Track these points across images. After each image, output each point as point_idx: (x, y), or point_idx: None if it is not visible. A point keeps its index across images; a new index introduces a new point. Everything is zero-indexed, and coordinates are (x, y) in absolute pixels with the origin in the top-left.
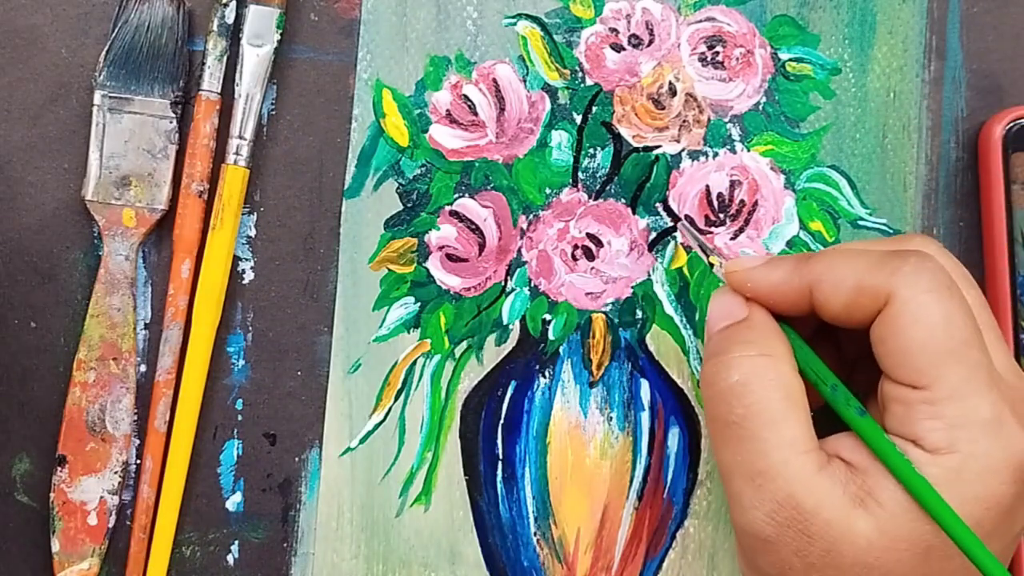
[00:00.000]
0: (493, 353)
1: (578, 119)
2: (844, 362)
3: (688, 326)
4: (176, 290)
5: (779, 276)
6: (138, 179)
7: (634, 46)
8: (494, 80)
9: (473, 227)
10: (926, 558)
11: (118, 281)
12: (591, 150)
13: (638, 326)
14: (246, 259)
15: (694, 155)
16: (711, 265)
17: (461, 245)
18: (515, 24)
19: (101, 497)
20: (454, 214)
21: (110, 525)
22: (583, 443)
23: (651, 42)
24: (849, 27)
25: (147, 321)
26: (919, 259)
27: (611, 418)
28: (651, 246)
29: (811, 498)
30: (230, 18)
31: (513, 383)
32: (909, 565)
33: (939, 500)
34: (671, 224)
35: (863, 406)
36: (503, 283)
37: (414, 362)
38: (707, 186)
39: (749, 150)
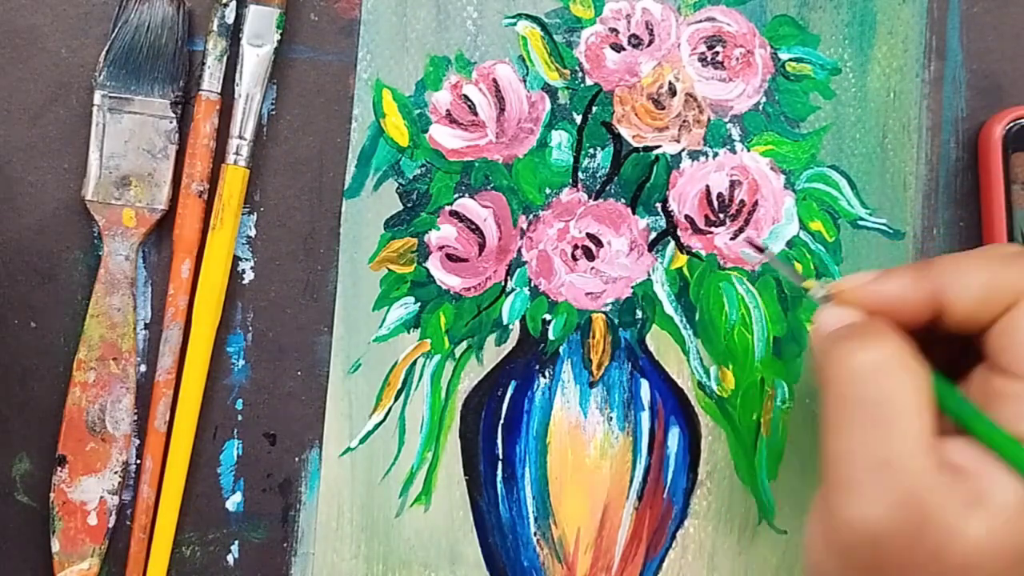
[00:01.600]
0: (493, 353)
1: (578, 119)
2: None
3: (688, 326)
4: (176, 290)
5: (897, 285)
6: (138, 179)
7: (634, 46)
8: (494, 80)
9: (473, 227)
10: None
11: (118, 281)
12: (591, 150)
13: (638, 326)
14: (246, 259)
15: (694, 155)
16: (805, 290)
17: (461, 245)
18: (515, 24)
19: (101, 497)
20: (454, 214)
21: (110, 525)
22: (583, 443)
23: (651, 42)
24: (849, 27)
25: (147, 321)
26: None
27: (611, 418)
28: (651, 246)
29: (930, 495)
30: (230, 18)
31: (513, 383)
32: (1012, 571)
33: None
34: (757, 257)
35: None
36: (503, 283)
37: (414, 362)
38: (707, 186)
39: (749, 150)
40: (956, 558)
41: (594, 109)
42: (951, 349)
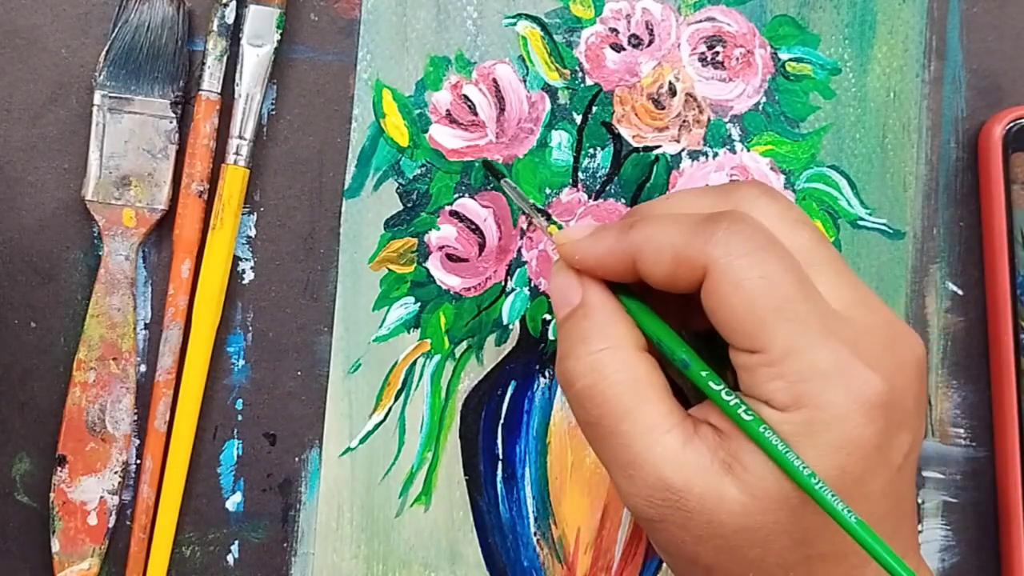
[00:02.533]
0: (493, 353)
1: (578, 119)
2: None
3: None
4: (176, 290)
5: (603, 248)
6: (138, 179)
7: (634, 46)
8: (494, 80)
9: (473, 227)
10: (799, 513)
11: (118, 281)
12: (591, 150)
13: None
14: (246, 259)
15: (694, 155)
16: (549, 235)
17: (461, 245)
18: (515, 24)
19: (101, 497)
20: (454, 214)
21: (110, 525)
22: (583, 443)
23: (651, 42)
24: (849, 27)
25: (147, 321)
26: (730, 223)
27: None
28: None
29: (680, 475)
30: (230, 18)
31: (513, 383)
32: (787, 523)
33: (785, 455)
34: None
35: (710, 370)
36: (503, 283)
37: (414, 362)
38: (707, 186)
39: (749, 150)
40: (728, 525)
41: (594, 109)
42: None
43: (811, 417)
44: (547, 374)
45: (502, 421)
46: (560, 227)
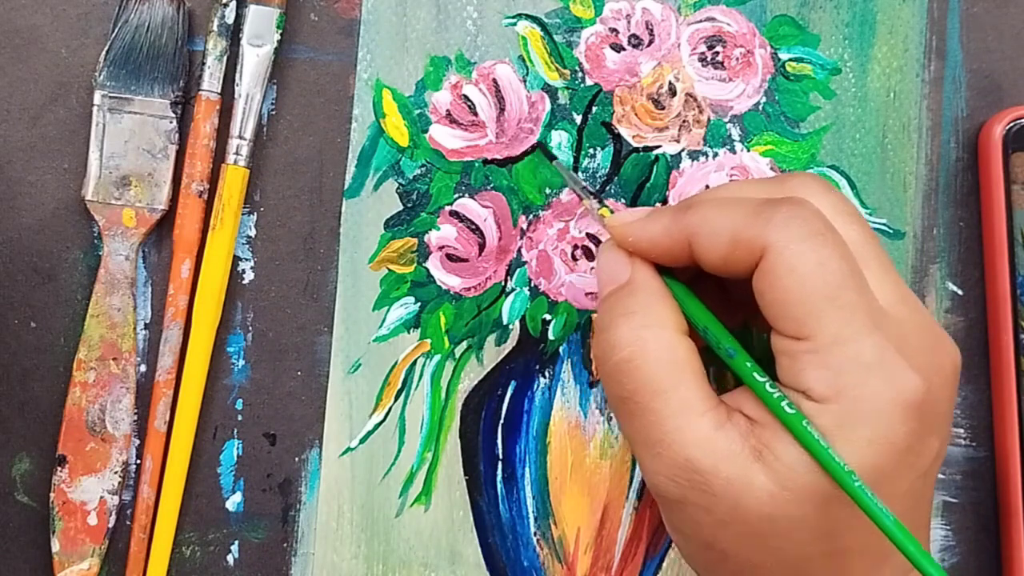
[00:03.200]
0: (493, 353)
1: (578, 119)
2: (747, 309)
3: None
4: (176, 290)
5: (659, 229)
6: (138, 179)
7: (634, 46)
8: (494, 80)
9: (473, 227)
10: (828, 507)
11: (118, 281)
12: (591, 150)
13: None
14: (246, 259)
15: (694, 155)
16: (601, 217)
17: (461, 245)
18: (515, 24)
19: (101, 497)
20: (454, 214)
21: (110, 525)
22: (583, 443)
23: (651, 42)
24: (849, 27)
25: (147, 321)
26: (790, 207)
27: (611, 418)
28: None
29: (709, 458)
30: (230, 18)
31: (513, 383)
32: (813, 516)
33: (826, 451)
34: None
35: (753, 361)
36: (503, 283)
37: (414, 362)
38: (707, 186)
39: (749, 150)
40: (752, 511)
41: (594, 109)
42: None
43: (849, 409)
44: (547, 374)
45: (502, 421)
46: (611, 211)
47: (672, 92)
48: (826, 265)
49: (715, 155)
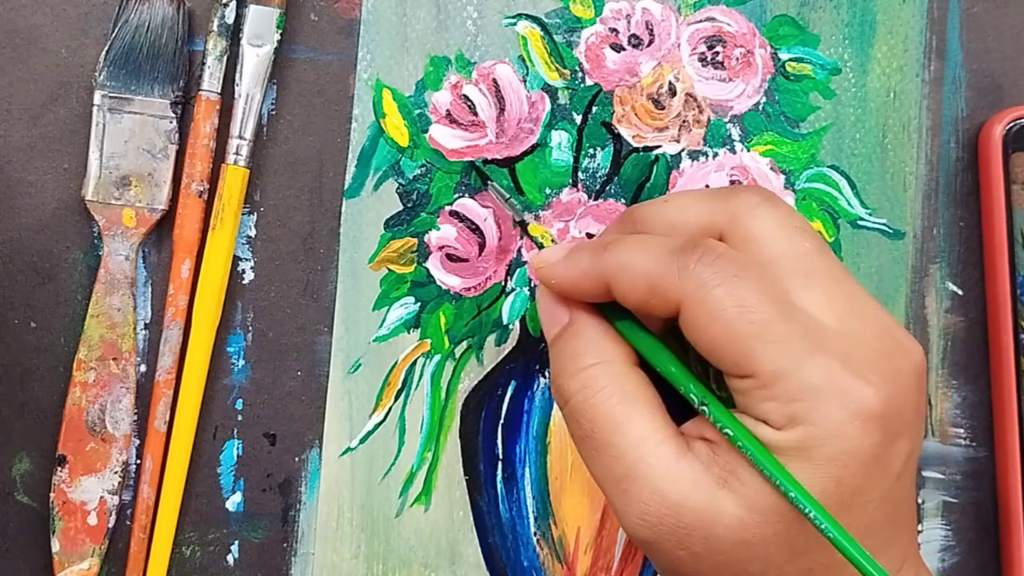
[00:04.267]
0: (493, 353)
1: (578, 119)
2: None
3: None
4: (176, 290)
5: (578, 272)
6: (138, 179)
7: (634, 46)
8: (494, 80)
9: (473, 227)
10: (796, 527)
11: (118, 281)
12: (591, 150)
13: None
14: (246, 259)
15: (694, 155)
16: (535, 243)
17: (461, 245)
18: (515, 24)
19: (101, 497)
20: (454, 214)
21: (110, 525)
22: None
23: (651, 42)
24: (849, 27)
25: (147, 321)
26: (702, 254)
27: None
28: None
29: (675, 488)
30: (230, 18)
31: (513, 383)
32: (786, 535)
33: (779, 470)
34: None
35: (703, 389)
36: (503, 283)
37: (414, 362)
38: (707, 186)
39: (749, 150)
40: (725, 539)
41: (594, 109)
42: None
43: (807, 434)
44: (547, 374)
45: (502, 421)
46: (540, 245)
47: (672, 92)
48: (746, 305)
49: (715, 155)
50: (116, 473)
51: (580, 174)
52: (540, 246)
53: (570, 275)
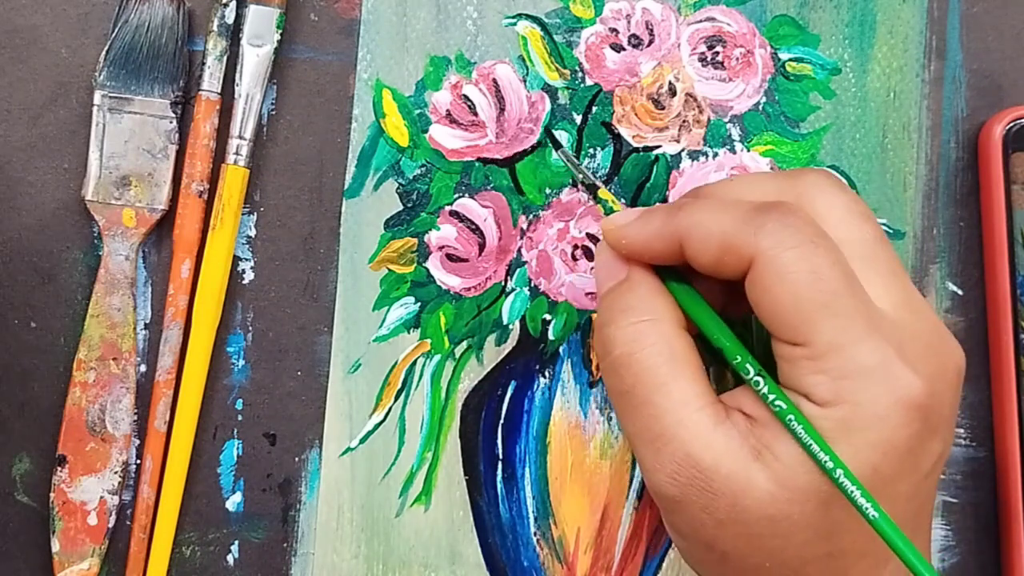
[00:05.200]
0: (493, 353)
1: (578, 119)
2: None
3: None
4: (176, 290)
5: (650, 232)
6: (138, 179)
7: (634, 46)
8: (494, 80)
9: (473, 227)
10: (828, 507)
11: (118, 281)
12: (591, 150)
13: None
14: (246, 259)
15: (694, 155)
16: (602, 208)
17: (461, 245)
18: (515, 24)
19: (101, 497)
20: (454, 214)
21: (110, 525)
22: (583, 443)
23: (651, 42)
24: (849, 27)
25: (147, 321)
26: (781, 214)
27: (611, 418)
28: None
29: (709, 454)
30: (230, 18)
31: (513, 383)
32: (813, 516)
33: (820, 452)
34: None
35: (754, 360)
36: (503, 283)
37: (414, 362)
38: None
39: (749, 150)
40: (751, 511)
41: (594, 109)
42: None
43: (850, 414)
44: (547, 374)
45: (502, 421)
46: (608, 210)
47: (672, 92)
48: (818, 273)
49: (715, 155)
50: (116, 473)
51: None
52: (608, 210)
53: (642, 234)
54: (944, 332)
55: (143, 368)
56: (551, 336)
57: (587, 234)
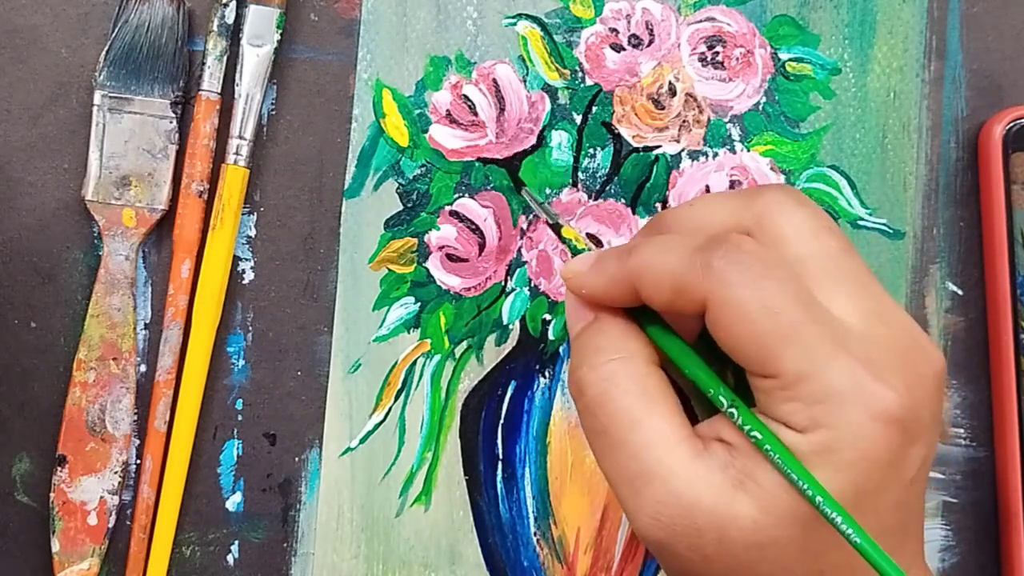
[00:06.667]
0: (493, 353)
1: (578, 119)
2: None
3: None
4: (176, 290)
5: (607, 278)
6: (138, 179)
7: (634, 46)
8: (494, 80)
9: (473, 227)
10: (812, 529)
11: (118, 281)
12: (591, 150)
13: None
14: (246, 259)
15: (694, 155)
16: (568, 247)
17: (461, 245)
18: (515, 24)
19: (101, 497)
20: (454, 214)
21: (110, 525)
22: (583, 443)
23: (651, 42)
24: (849, 27)
25: (147, 321)
26: (726, 250)
27: None
28: None
29: (690, 489)
30: (230, 18)
31: (513, 383)
32: (799, 537)
33: (806, 479)
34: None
35: (729, 392)
36: (503, 283)
37: (414, 362)
38: (707, 186)
39: (749, 150)
40: (738, 542)
41: (594, 109)
42: None
43: (828, 437)
44: (547, 374)
45: (502, 421)
46: (573, 248)
47: (672, 92)
48: (772, 308)
49: (715, 155)
50: (116, 473)
51: (580, 174)
52: (573, 249)
53: (599, 282)
54: (919, 338)
55: (143, 368)
56: (551, 336)
57: (587, 234)
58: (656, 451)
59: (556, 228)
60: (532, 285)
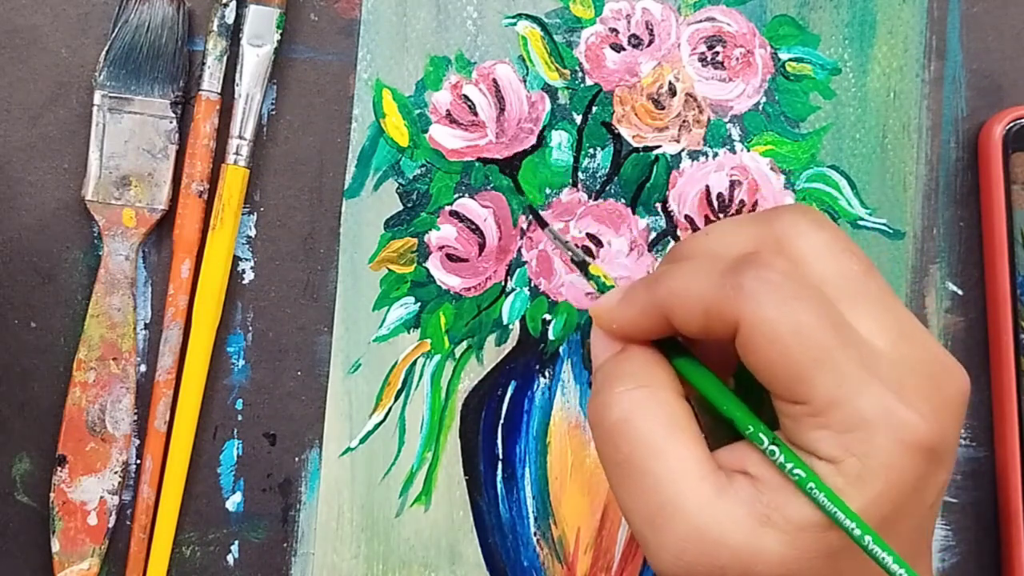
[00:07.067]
0: (493, 353)
1: (578, 119)
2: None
3: None
4: (176, 290)
5: (637, 310)
6: (138, 179)
7: (634, 46)
8: (494, 80)
9: (473, 227)
10: (836, 560)
11: (118, 281)
12: (591, 150)
13: None
14: (246, 259)
15: (694, 155)
16: (595, 284)
17: (461, 245)
18: (515, 24)
19: (101, 497)
20: (454, 214)
21: (110, 525)
22: (583, 443)
23: (651, 42)
24: (849, 27)
25: (147, 321)
26: (757, 271)
27: None
28: (651, 246)
29: (716, 526)
30: (230, 18)
31: (513, 383)
32: (824, 569)
33: (852, 518)
34: (543, 230)
35: (768, 430)
36: (503, 283)
37: (414, 362)
38: (707, 186)
39: (749, 150)
40: (764, 575)
41: (594, 109)
42: None
43: (859, 467)
44: (547, 374)
45: (502, 421)
46: (600, 285)
47: (672, 92)
48: (805, 331)
49: (715, 155)
50: (116, 473)
51: (580, 174)
52: (600, 286)
53: (629, 314)
54: (945, 358)
55: (143, 368)
56: (551, 336)
57: (587, 234)
58: (680, 484)
59: (583, 266)
60: (532, 285)
